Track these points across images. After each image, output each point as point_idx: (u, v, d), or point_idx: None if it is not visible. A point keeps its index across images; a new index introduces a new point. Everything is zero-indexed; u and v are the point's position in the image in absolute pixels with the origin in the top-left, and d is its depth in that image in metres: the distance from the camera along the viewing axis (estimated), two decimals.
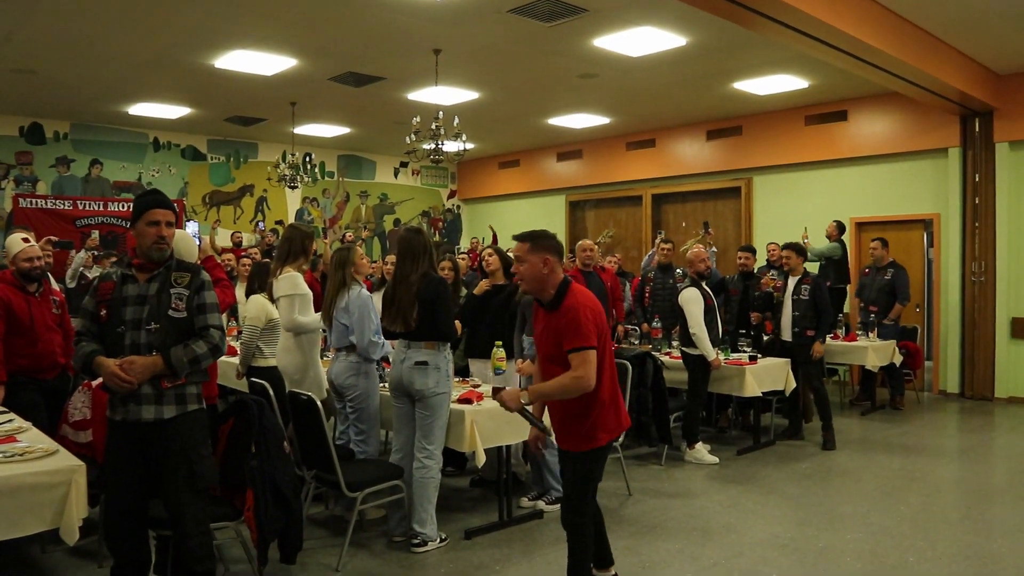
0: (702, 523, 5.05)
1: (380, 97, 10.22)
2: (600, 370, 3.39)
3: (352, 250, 5.17)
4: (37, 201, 11.44)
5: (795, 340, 7.17)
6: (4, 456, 3.24)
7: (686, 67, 8.85)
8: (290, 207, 14.10)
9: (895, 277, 8.82)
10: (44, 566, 4.35)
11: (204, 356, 3.40)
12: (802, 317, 7.15)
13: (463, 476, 6.06)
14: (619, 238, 13.49)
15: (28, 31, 7.52)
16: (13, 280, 4.81)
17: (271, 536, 3.82)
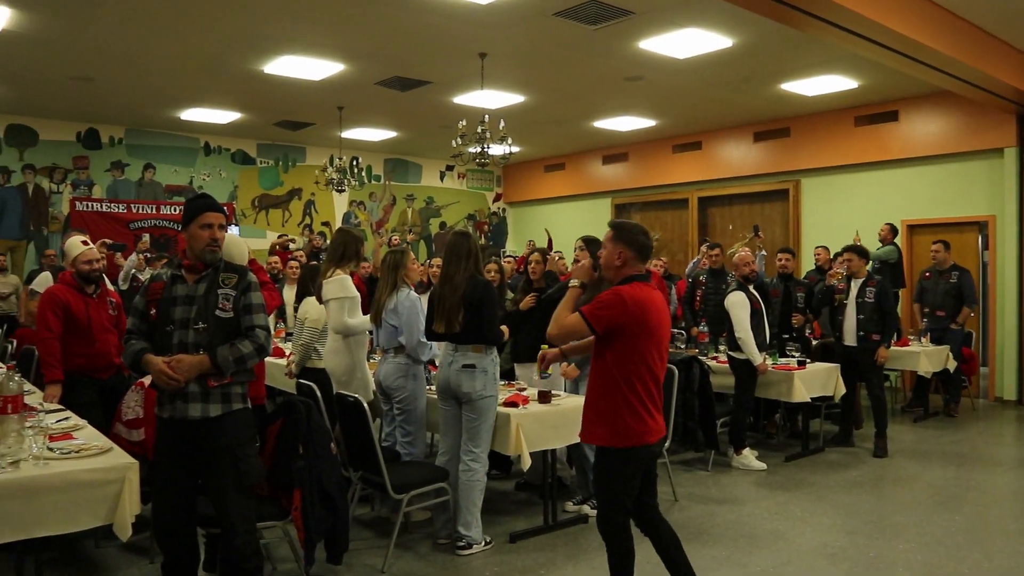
0: (749, 530, 4.98)
1: (426, 101, 10.28)
2: (628, 373, 3.30)
3: (405, 253, 5.21)
4: (93, 204, 11.76)
5: (860, 344, 6.99)
6: (61, 453, 3.32)
7: (733, 68, 8.76)
8: (337, 210, 14.26)
9: (961, 280, 8.60)
10: (98, 561, 4.45)
11: (250, 356, 3.45)
12: (867, 320, 6.97)
13: (508, 479, 6.06)
14: (665, 241, 13.39)
15: (86, 40, 7.72)
16: (72, 281, 4.93)
17: (318, 536, 3.86)
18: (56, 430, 3.78)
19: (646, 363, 3.33)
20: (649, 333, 3.32)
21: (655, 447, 3.44)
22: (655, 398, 3.39)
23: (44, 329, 4.78)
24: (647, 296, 3.33)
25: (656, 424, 3.40)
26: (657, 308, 3.35)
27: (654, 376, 3.37)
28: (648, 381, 3.35)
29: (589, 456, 5.20)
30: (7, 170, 11.33)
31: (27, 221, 11.51)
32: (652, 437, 3.38)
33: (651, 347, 3.34)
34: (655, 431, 3.39)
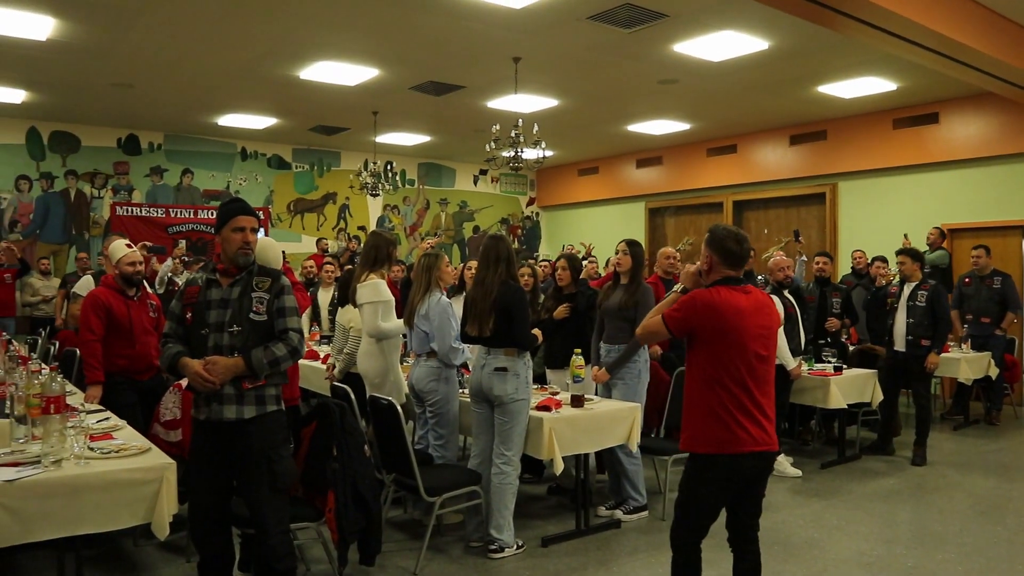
0: (783, 537, 4.92)
1: (460, 105, 10.32)
2: (709, 377, 3.21)
3: (440, 257, 5.23)
4: (132, 209, 11.99)
5: (909, 350, 6.86)
6: (101, 452, 3.38)
7: (768, 71, 8.68)
8: (371, 215, 14.37)
9: (1004, 285, 8.43)
10: (136, 559, 4.52)
11: (284, 358, 3.49)
12: (917, 325, 6.83)
13: (541, 483, 6.06)
14: (699, 246, 13.28)
15: (126, 48, 7.86)
16: (114, 285, 5.04)
17: (351, 538, 3.89)
18: (97, 430, 3.86)
19: (727, 368, 3.18)
20: (726, 337, 3.18)
21: (744, 459, 3.19)
22: (745, 405, 3.18)
23: (87, 331, 4.88)
24: (724, 300, 3.20)
25: (745, 434, 3.17)
26: (738, 311, 3.19)
27: (740, 381, 3.17)
28: (732, 386, 3.17)
29: (623, 460, 5.19)
30: (50, 176, 11.58)
31: (69, 226, 11.74)
32: (739, 447, 3.17)
33: (731, 351, 3.18)
34: (743, 441, 3.17)
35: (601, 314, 5.49)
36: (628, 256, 5.41)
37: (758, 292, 3.35)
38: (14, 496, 2.96)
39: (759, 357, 3.21)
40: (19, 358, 5.23)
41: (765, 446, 3.22)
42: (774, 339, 3.32)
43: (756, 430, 3.19)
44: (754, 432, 3.19)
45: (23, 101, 10.16)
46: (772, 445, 3.26)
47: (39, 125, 11.45)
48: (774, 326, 3.33)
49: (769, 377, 3.28)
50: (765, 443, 3.22)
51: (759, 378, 3.22)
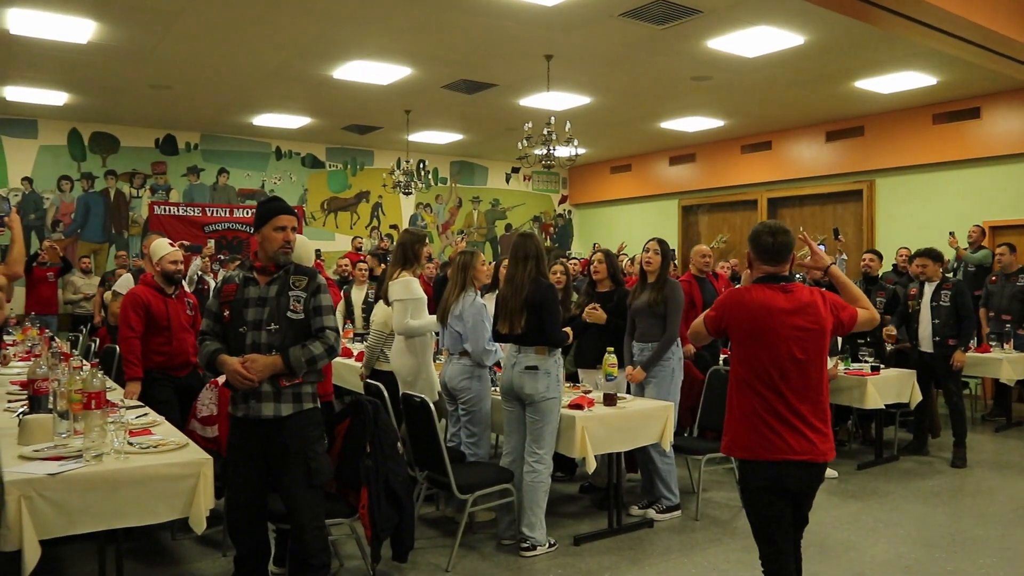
0: (819, 539, 4.86)
1: (492, 104, 10.34)
2: (740, 379, 3.11)
3: (476, 255, 5.23)
4: (170, 208, 12.17)
5: (937, 351, 6.78)
6: (140, 447, 3.44)
7: (804, 66, 8.58)
8: (404, 213, 14.44)
9: None
10: (174, 552, 4.59)
11: (320, 357, 3.53)
12: (943, 325, 6.74)
13: (573, 482, 6.05)
14: (733, 244, 13.19)
15: (164, 50, 7.98)
16: (152, 283, 5.12)
17: (384, 534, 3.91)
18: (136, 425, 3.93)
19: (756, 370, 3.05)
20: (757, 338, 3.05)
21: (779, 467, 3.01)
22: (778, 410, 3.01)
23: (126, 328, 4.96)
24: (755, 298, 3.07)
25: (781, 441, 3.00)
26: (771, 312, 3.03)
27: (771, 385, 3.02)
28: (763, 389, 3.03)
29: (655, 460, 5.17)
30: (91, 176, 11.80)
31: (109, 225, 11.95)
32: (772, 454, 3.00)
33: (761, 353, 3.04)
34: (777, 448, 3.00)
35: (632, 313, 5.46)
36: (659, 255, 5.39)
37: (803, 291, 3.09)
38: (57, 489, 3.03)
39: (795, 360, 3.00)
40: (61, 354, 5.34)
41: (805, 455, 2.99)
42: (817, 341, 3.04)
43: (793, 437, 3.00)
44: (790, 440, 2.99)
45: (65, 103, 10.36)
46: (814, 455, 3.01)
47: (80, 126, 11.67)
48: (817, 327, 3.03)
49: (811, 382, 3.03)
50: (805, 452, 2.99)
51: (794, 383, 3.01)
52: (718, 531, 5.00)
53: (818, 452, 3.02)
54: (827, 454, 3.05)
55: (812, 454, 3.01)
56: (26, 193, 11.37)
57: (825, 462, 3.07)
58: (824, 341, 3.07)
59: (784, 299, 3.06)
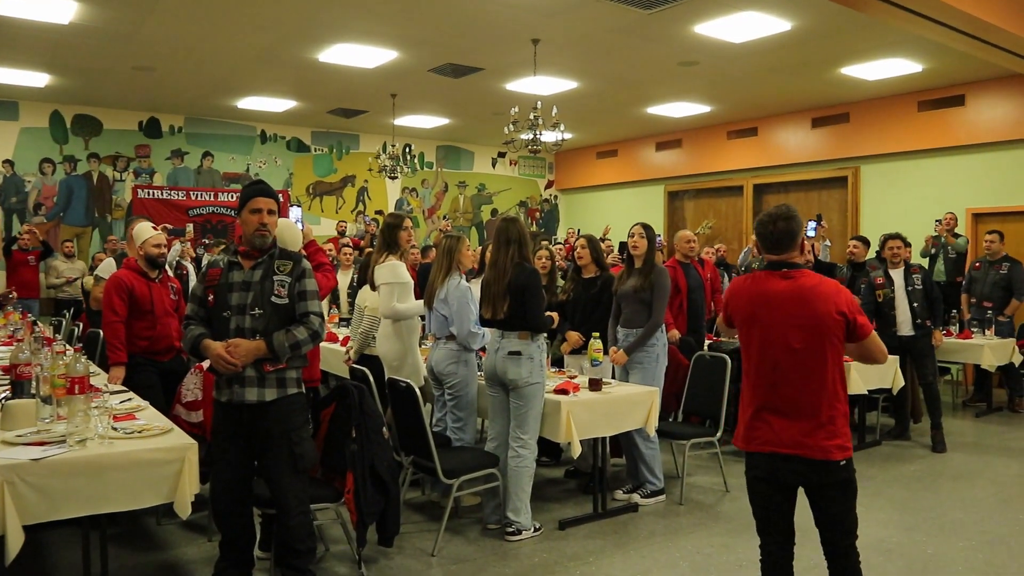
0: (801, 522, 4.85)
1: (479, 88, 10.29)
2: (742, 367, 3.10)
3: (461, 239, 5.22)
4: (154, 192, 12.05)
5: (918, 332, 6.89)
6: (124, 432, 3.42)
7: (791, 52, 8.59)
8: (390, 197, 14.39)
9: (1012, 271, 8.35)
10: (159, 537, 4.58)
11: (304, 342, 3.52)
12: (922, 308, 6.89)
13: (558, 467, 6.07)
14: (719, 229, 13.23)
15: (147, 31, 7.89)
16: (136, 267, 5.09)
17: (370, 519, 3.92)
18: (120, 410, 3.91)
19: (751, 358, 3.02)
20: (751, 326, 3.02)
21: (767, 459, 2.96)
22: (772, 403, 2.96)
23: (110, 312, 4.93)
24: (750, 286, 3.04)
25: (773, 434, 2.94)
26: (766, 299, 2.97)
27: (765, 374, 2.97)
28: (757, 379, 3.00)
29: (639, 445, 5.20)
30: (73, 159, 11.67)
31: (92, 208, 11.85)
32: (766, 446, 2.96)
33: (755, 342, 3.00)
34: (770, 441, 2.95)
35: (617, 299, 5.47)
36: (644, 239, 5.39)
37: (807, 277, 2.95)
38: (40, 474, 3.01)
39: (790, 349, 2.90)
40: (44, 339, 5.30)
41: (797, 450, 2.90)
42: (817, 331, 2.88)
43: (784, 430, 2.92)
44: (781, 432, 2.92)
45: (46, 85, 10.23)
46: (808, 451, 2.88)
47: (62, 109, 11.53)
48: (819, 316, 2.88)
49: (809, 373, 2.90)
50: (797, 446, 2.90)
51: (789, 373, 2.92)
52: (702, 515, 5.05)
53: (813, 448, 2.89)
54: (826, 451, 2.88)
55: (805, 449, 2.90)
56: (7, 176, 11.24)
57: (826, 459, 2.89)
58: (828, 332, 2.88)
59: (784, 285, 2.95)
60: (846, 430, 2.95)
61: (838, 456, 2.91)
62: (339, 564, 4.21)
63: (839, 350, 2.94)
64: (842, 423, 2.93)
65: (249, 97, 11.09)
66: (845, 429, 2.94)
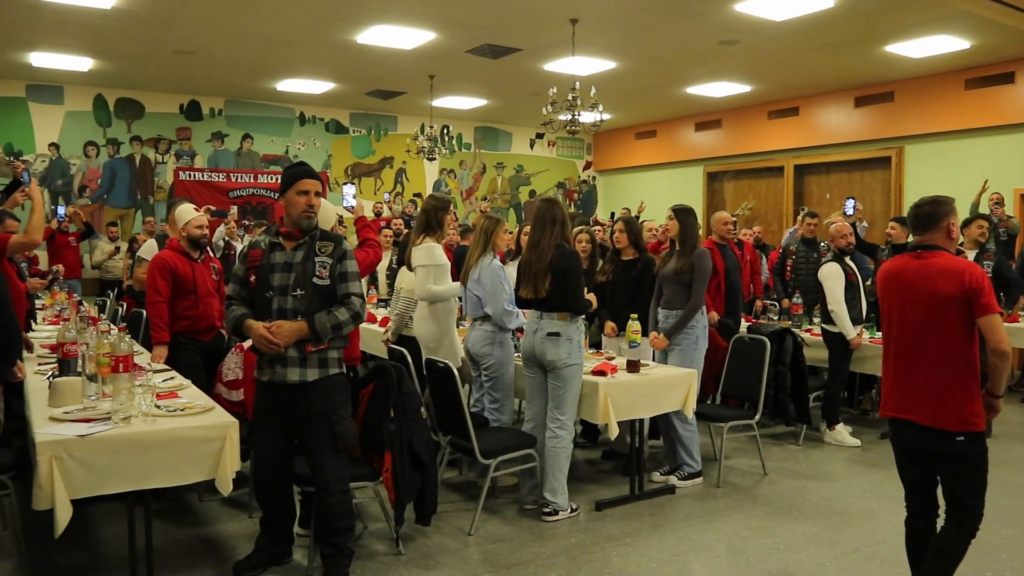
0: (841, 507, 4.86)
1: (517, 68, 10.24)
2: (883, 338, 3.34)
3: (499, 222, 5.23)
4: (195, 174, 12.23)
5: None
6: (167, 411, 3.49)
7: (833, 30, 8.41)
8: (428, 179, 14.42)
9: None
10: (201, 513, 4.67)
11: (346, 323, 3.55)
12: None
13: (595, 448, 6.07)
14: (759, 211, 13.07)
15: (188, 15, 7.96)
16: (178, 247, 5.16)
17: (407, 498, 3.95)
18: (163, 389, 3.98)
19: (888, 332, 3.27)
20: (885, 300, 3.27)
21: (903, 426, 3.19)
22: (900, 373, 3.20)
23: (153, 292, 5.01)
24: (888, 266, 3.29)
25: (901, 402, 3.19)
26: (896, 277, 3.21)
27: (897, 347, 3.21)
28: (892, 351, 3.25)
29: (677, 427, 5.17)
30: (116, 142, 11.87)
31: (135, 190, 12.05)
32: (895, 412, 3.22)
33: (889, 315, 3.25)
34: (900, 408, 3.20)
35: (659, 280, 5.44)
36: (675, 221, 5.35)
37: (942, 258, 3.11)
38: (87, 450, 3.09)
39: (918, 324, 3.10)
40: (89, 318, 5.42)
41: (920, 418, 3.10)
42: (941, 307, 3.05)
43: (908, 399, 3.14)
44: (905, 401, 3.15)
45: (90, 69, 10.40)
46: (931, 420, 3.07)
47: (105, 92, 11.72)
48: (943, 293, 3.04)
49: (933, 346, 3.08)
50: (920, 414, 3.10)
51: (914, 345, 3.12)
52: (740, 498, 5.02)
53: (935, 417, 3.06)
54: (945, 421, 3.04)
55: (928, 418, 3.08)
56: (53, 159, 11.47)
57: (951, 430, 3.04)
58: (951, 308, 3.03)
59: (916, 264, 3.15)
60: (972, 406, 3.05)
61: (957, 428, 3.05)
62: (377, 542, 4.25)
63: (964, 326, 3.05)
64: (963, 397, 3.05)
65: (288, 79, 11.16)
66: (970, 405, 3.05)
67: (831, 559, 4.09)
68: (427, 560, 4.02)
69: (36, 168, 11.30)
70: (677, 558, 4.09)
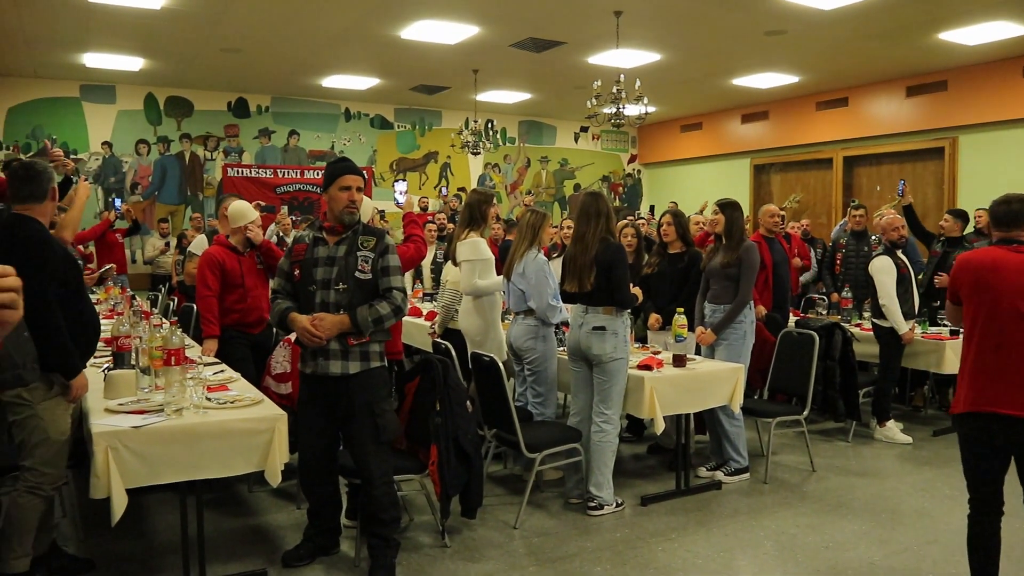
0: (892, 505, 4.77)
1: (561, 62, 10.21)
2: (965, 335, 3.28)
3: (545, 216, 5.22)
4: (242, 170, 12.41)
5: None
6: (218, 403, 3.55)
7: (884, 18, 8.23)
8: (472, 173, 14.45)
9: None
10: (251, 503, 4.75)
11: (387, 316, 3.58)
12: None
13: (641, 443, 6.04)
14: (807, 203, 12.86)
15: (234, 13, 8.08)
16: (226, 243, 5.24)
17: (453, 490, 3.98)
18: (213, 381, 4.05)
19: (977, 324, 3.21)
20: (977, 292, 3.21)
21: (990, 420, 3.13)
22: (995, 366, 3.15)
23: (204, 287, 5.10)
24: (979, 257, 3.26)
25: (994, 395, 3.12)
26: (992, 266, 3.18)
27: (991, 339, 3.15)
28: (983, 344, 3.17)
29: (724, 422, 5.12)
30: (167, 140, 12.10)
31: (184, 187, 12.27)
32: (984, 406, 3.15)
33: (982, 308, 3.17)
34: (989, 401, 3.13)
35: (706, 274, 5.39)
36: (721, 216, 5.31)
37: None
38: (140, 441, 3.16)
39: (1019, 314, 3.07)
40: (142, 313, 5.53)
41: (1015, 410, 3.07)
42: None
43: (1006, 391, 3.09)
44: (1002, 394, 3.09)
45: (141, 69, 10.61)
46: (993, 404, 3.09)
47: (156, 91, 11.96)
48: None
49: None
50: (1016, 406, 3.07)
51: (1015, 336, 3.09)
52: (787, 495, 4.95)
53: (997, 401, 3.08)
54: None
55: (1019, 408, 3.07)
56: (106, 157, 11.73)
57: None
58: None
59: (1015, 257, 3.16)
60: None
61: None
62: (423, 534, 4.28)
63: None
64: None
65: (333, 76, 11.27)
66: None
67: (881, 558, 4.02)
68: (472, 553, 4.04)
69: (90, 166, 11.59)
70: (723, 554, 4.06)
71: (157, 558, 3.97)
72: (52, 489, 3.40)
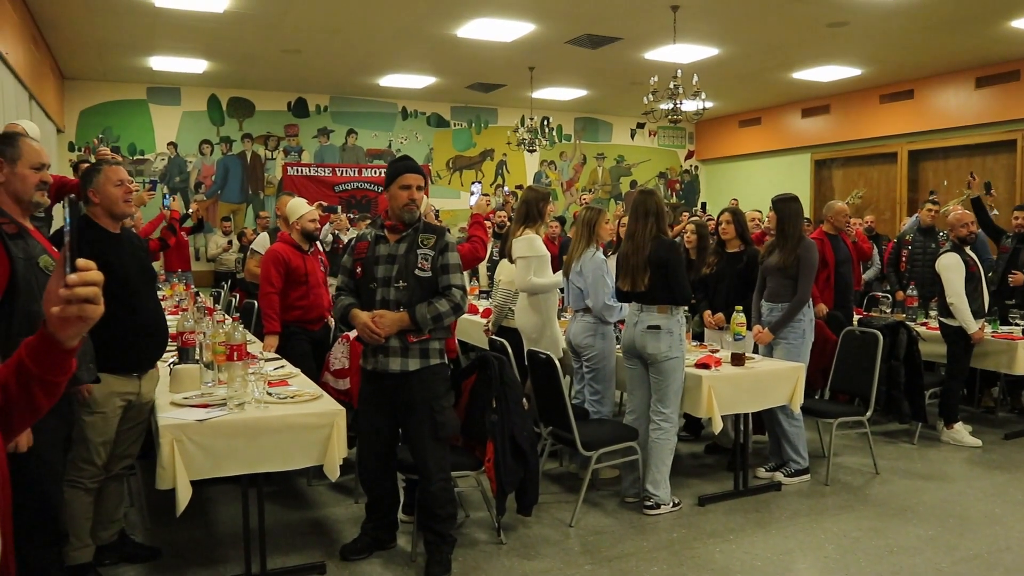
0: (959, 510, 4.63)
1: (617, 58, 10.14)
2: None
3: (601, 212, 5.21)
4: (302, 169, 12.62)
5: None
6: (278, 398, 3.62)
7: (952, 7, 7.98)
8: (528, 170, 14.45)
9: None
10: (310, 497, 4.83)
11: (447, 314, 3.60)
12: None
13: (698, 442, 5.98)
14: (870, 199, 12.56)
15: (295, 15, 8.21)
16: (290, 240, 5.34)
17: (509, 488, 3.98)
18: (274, 377, 4.13)
19: None
20: None
21: None
22: None
23: (267, 284, 5.20)
24: None
25: None
26: None
27: None
28: None
29: (783, 422, 5.03)
30: (229, 140, 12.36)
31: (246, 186, 12.53)
32: None
33: None
34: None
35: (763, 272, 5.31)
36: (774, 212, 5.24)
37: None
38: (204, 434, 3.24)
39: None
40: (206, 309, 5.66)
41: None
42: None
43: None
44: None
45: (204, 71, 10.86)
46: None
47: (218, 92, 12.23)
48: None
49: None
50: None
51: None
52: (849, 497, 4.84)
53: None
54: None
55: None
56: (171, 157, 12.04)
57: None
58: None
59: None
60: None
61: None
62: (479, 530, 4.30)
63: None
64: None
65: (390, 75, 11.37)
66: None
67: (948, 564, 3.90)
68: (528, 550, 4.04)
69: (156, 166, 11.91)
70: (783, 556, 3.99)
71: (219, 548, 4.06)
72: (93, 483, 3.46)
